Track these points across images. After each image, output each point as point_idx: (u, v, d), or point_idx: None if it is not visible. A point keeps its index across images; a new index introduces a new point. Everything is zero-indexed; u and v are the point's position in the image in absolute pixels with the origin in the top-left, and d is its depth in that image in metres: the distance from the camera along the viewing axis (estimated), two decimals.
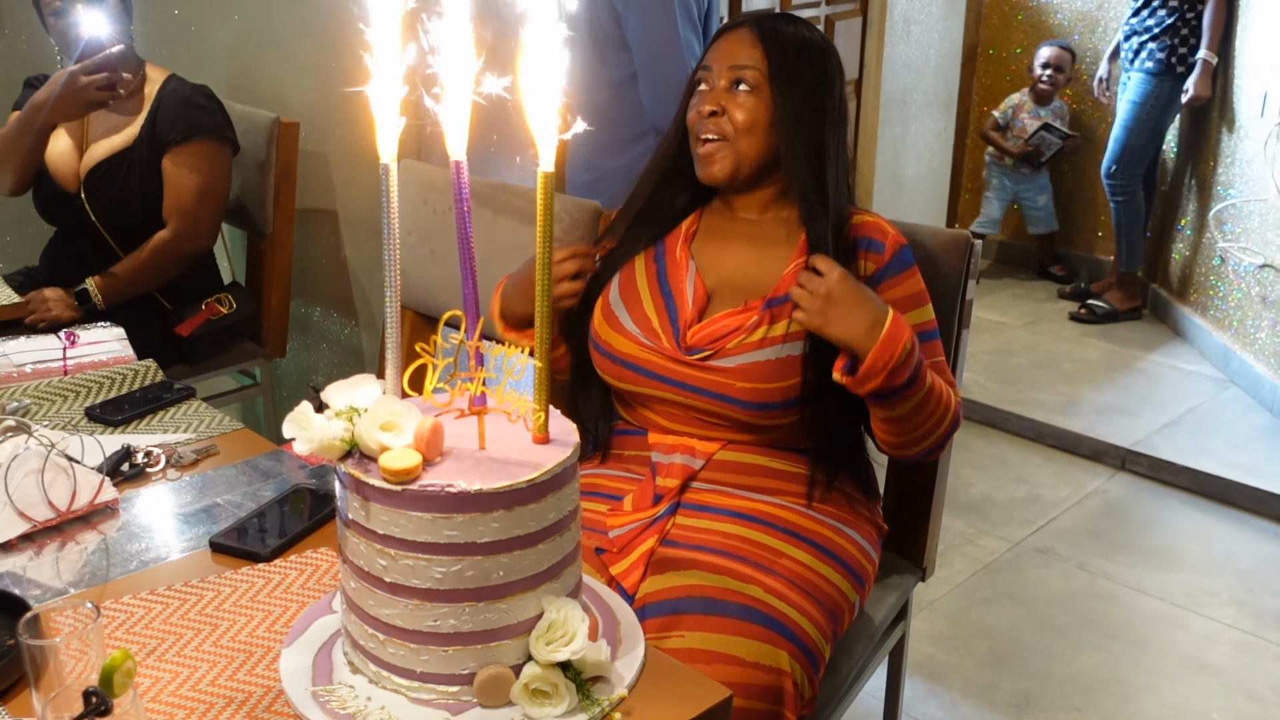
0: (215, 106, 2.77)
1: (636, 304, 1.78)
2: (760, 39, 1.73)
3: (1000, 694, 2.61)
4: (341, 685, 1.20)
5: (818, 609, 1.61)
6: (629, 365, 1.76)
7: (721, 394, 1.69)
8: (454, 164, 1.20)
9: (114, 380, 1.99)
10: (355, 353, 3.17)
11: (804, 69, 1.73)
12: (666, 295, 1.77)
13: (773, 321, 1.69)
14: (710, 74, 1.75)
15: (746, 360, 1.67)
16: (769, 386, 1.67)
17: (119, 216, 2.72)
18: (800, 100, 1.72)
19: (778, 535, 1.66)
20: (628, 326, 1.76)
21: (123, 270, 2.70)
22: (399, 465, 1.11)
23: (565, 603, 1.18)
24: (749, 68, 1.72)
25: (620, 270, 1.82)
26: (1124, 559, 3.19)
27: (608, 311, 1.79)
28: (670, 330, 1.74)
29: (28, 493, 1.51)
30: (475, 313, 1.23)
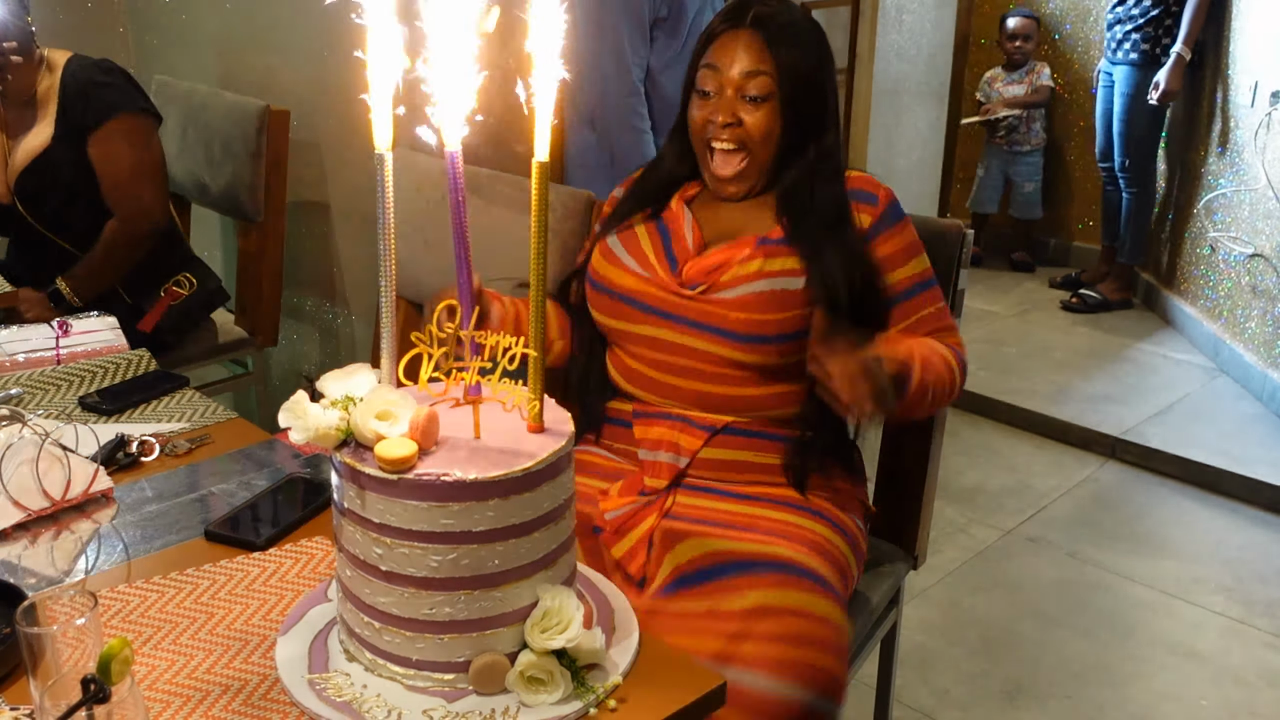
0: (120, 79, 2.67)
1: (634, 242, 1.79)
2: (767, 43, 1.69)
3: (991, 681, 2.63)
4: (337, 673, 1.21)
5: (835, 572, 1.64)
6: (625, 299, 1.76)
7: (717, 327, 1.69)
8: (448, 154, 1.20)
9: (107, 369, 1.98)
10: (347, 341, 3.17)
11: (808, 67, 1.71)
12: (664, 234, 1.79)
13: (767, 257, 1.70)
14: (716, 77, 1.72)
15: (742, 292, 1.68)
16: (764, 318, 1.67)
17: (60, 217, 2.66)
18: (808, 101, 1.72)
19: (780, 508, 1.69)
20: (625, 260, 1.78)
21: (86, 269, 2.64)
22: (395, 454, 1.12)
23: (560, 591, 1.18)
24: (760, 74, 1.69)
25: (618, 229, 1.83)
26: (1114, 547, 3.20)
27: (605, 250, 1.81)
28: (666, 263, 1.75)
29: (22, 482, 1.52)
30: (470, 302, 1.24)
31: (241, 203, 2.95)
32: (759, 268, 1.69)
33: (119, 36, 3.51)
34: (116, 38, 3.49)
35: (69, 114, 2.61)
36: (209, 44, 3.28)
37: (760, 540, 1.61)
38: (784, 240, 1.71)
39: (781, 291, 1.67)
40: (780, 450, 1.74)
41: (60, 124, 2.62)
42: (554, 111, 1.15)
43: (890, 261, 1.72)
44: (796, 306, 1.67)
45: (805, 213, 1.71)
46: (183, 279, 2.81)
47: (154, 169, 2.70)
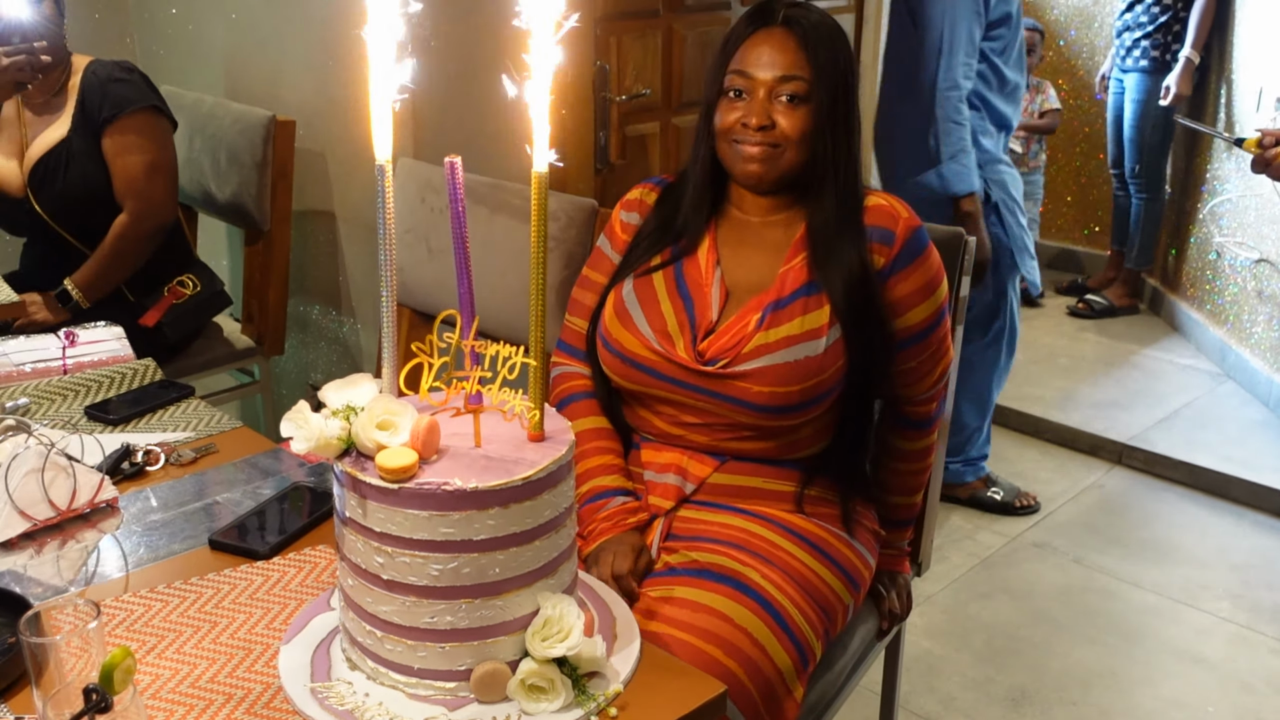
0: (138, 79, 2.72)
1: (653, 304, 1.71)
2: (801, 44, 1.63)
3: (997, 688, 2.63)
4: (340, 681, 1.22)
5: (812, 607, 1.62)
6: (639, 366, 1.70)
7: (737, 399, 1.65)
8: (447, 163, 1.21)
9: (113, 379, 1.99)
10: (354, 350, 3.17)
11: (841, 69, 1.66)
12: (685, 297, 1.71)
13: (790, 319, 1.64)
14: (749, 81, 1.65)
15: (763, 364, 1.63)
16: (787, 389, 1.63)
17: (70, 212, 2.71)
18: (840, 103, 1.66)
19: (776, 530, 1.67)
20: (641, 329, 1.70)
21: (94, 265, 2.69)
22: (396, 463, 1.12)
23: (561, 599, 1.19)
24: (795, 78, 1.63)
25: (636, 274, 1.75)
26: (1120, 553, 3.20)
27: (620, 308, 1.73)
28: (688, 334, 1.68)
29: (28, 491, 1.52)
30: (471, 312, 1.24)
31: (248, 212, 2.97)
32: (782, 336, 1.63)
33: (126, 47, 3.53)
34: (124, 48, 3.51)
35: (87, 108, 2.67)
36: (216, 54, 3.30)
37: (737, 561, 1.61)
38: (806, 290, 1.65)
39: (804, 360, 1.63)
40: (791, 477, 1.72)
41: (77, 118, 2.68)
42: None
43: (906, 302, 1.67)
44: (820, 373, 1.63)
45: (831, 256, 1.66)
46: (186, 279, 2.85)
47: (166, 166, 2.75)
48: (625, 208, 1.84)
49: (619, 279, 1.77)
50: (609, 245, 1.84)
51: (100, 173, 2.69)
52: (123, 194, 2.69)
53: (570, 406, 1.80)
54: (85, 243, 2.73)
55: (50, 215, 2.70)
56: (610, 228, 1.85)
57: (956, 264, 1.86)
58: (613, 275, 1.79)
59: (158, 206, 2.73)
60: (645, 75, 3.30)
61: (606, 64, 3.15)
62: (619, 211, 1.85)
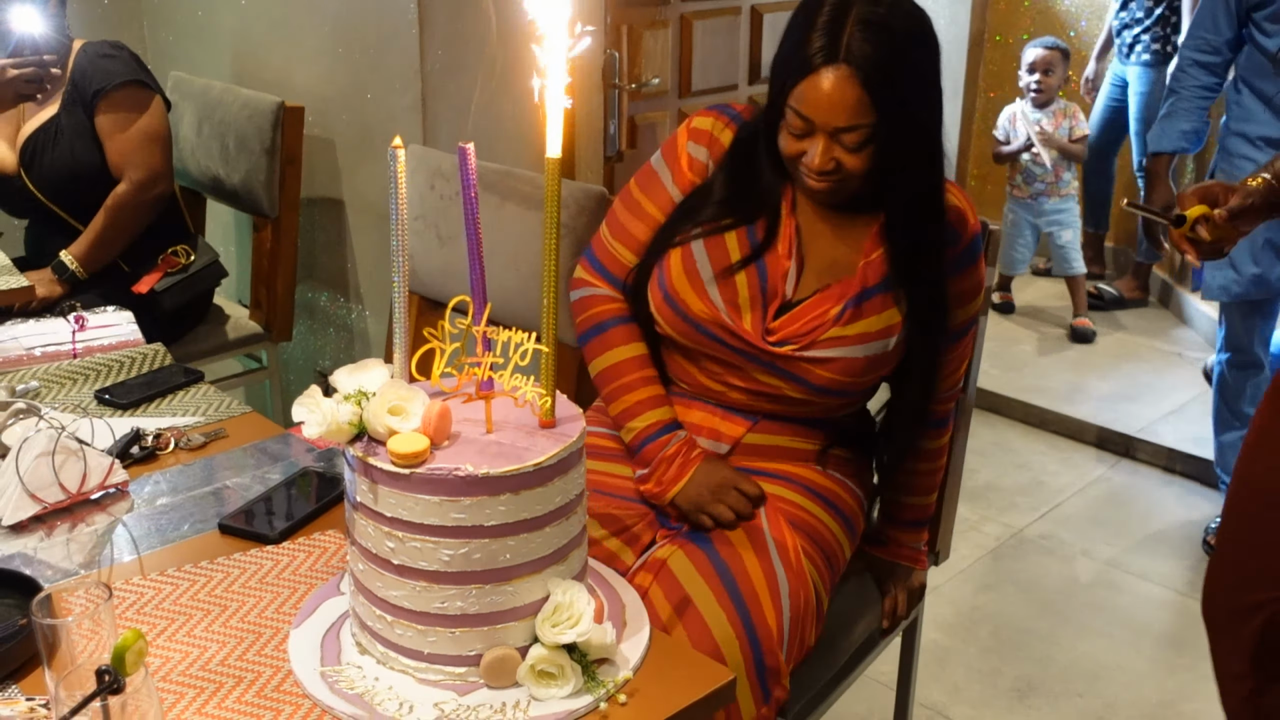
0: (126, 55, 2.75)
1: (726, 269, 1.64)
2: (865, 85, 1.48)
3: (1003, 679, 2.63)
4: (349, 666, 1.22)
5: (823, 560, 1.67)
6: (702, 329, 1.66)
7: (800, 377, 1.64)
8: (460, 149, 1.21)
9: (123, 364, 2.00)
10: (361, 336, 3.17)
11: (912, 100, 1.54)
12: (760, 269, 1.64)
13: (868, 315, 1.63)
14: (809, 125, 1.53)
15: (836, 354, 1.62)
16: (852, 379, 1.65)
17: (62, 188, 2.72)
18: (912, 139, 1.56)
19: (797, 490, 1.71)
20: (712, 294, 1.64)
21: (91, 236, 2.71)
22: (407, 449, 1.12)
23: (571, 585, 1.19)
24: (858, 127, 1.51)
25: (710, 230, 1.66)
26: (1127, 546, 3.20)
27: (690, 267, 1.65)
28: (759, 311, 1.64)
29: (39, 475, 1.53)
30: (483, 298, 1.24)
31: (256, 198, 2.97)
32: (860, 331, 1.62)
33: (135, 33, 3.52)
34: (133, 34, 3.51)
35: (78, 85, 2.70)
36: (225, 40, 3.29)
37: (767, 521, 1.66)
38: (884, 285, 1.63)
39: (877, 356, 1.64)
40: (817, 436, 1.75)
41: (68, 95, 2.70)
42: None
43: (954, 301, 1.68)
44: (883, 366, 1.66)
45: (913, 258, 1.62)
46: (181, 250, 2.86)
47: (161, 136, 2.77)
48: (694, 138, 1.71)
49: (684, 229, 1.67)
50: (670, 177, 1.72)
51: (90, 148, 2.71)
52: (120, 165, 2.71)
53: (609, 333, 1.74)
54: (80, 219, 2.75)
55: (43, 192, 2.72)
56: (673, 154, 1.73)
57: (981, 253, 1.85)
58: (672, 215, 1.70)
59: (154, 175, 2.74)
60: (655, 64, 3.29)
61: (617, 52, 3.14)
62: (686, 141, 1.72)
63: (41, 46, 2.60)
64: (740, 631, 1.52)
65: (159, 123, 2.76)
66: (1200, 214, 1.61)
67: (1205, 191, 1.66)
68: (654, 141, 3.37)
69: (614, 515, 1.65)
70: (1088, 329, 4.61)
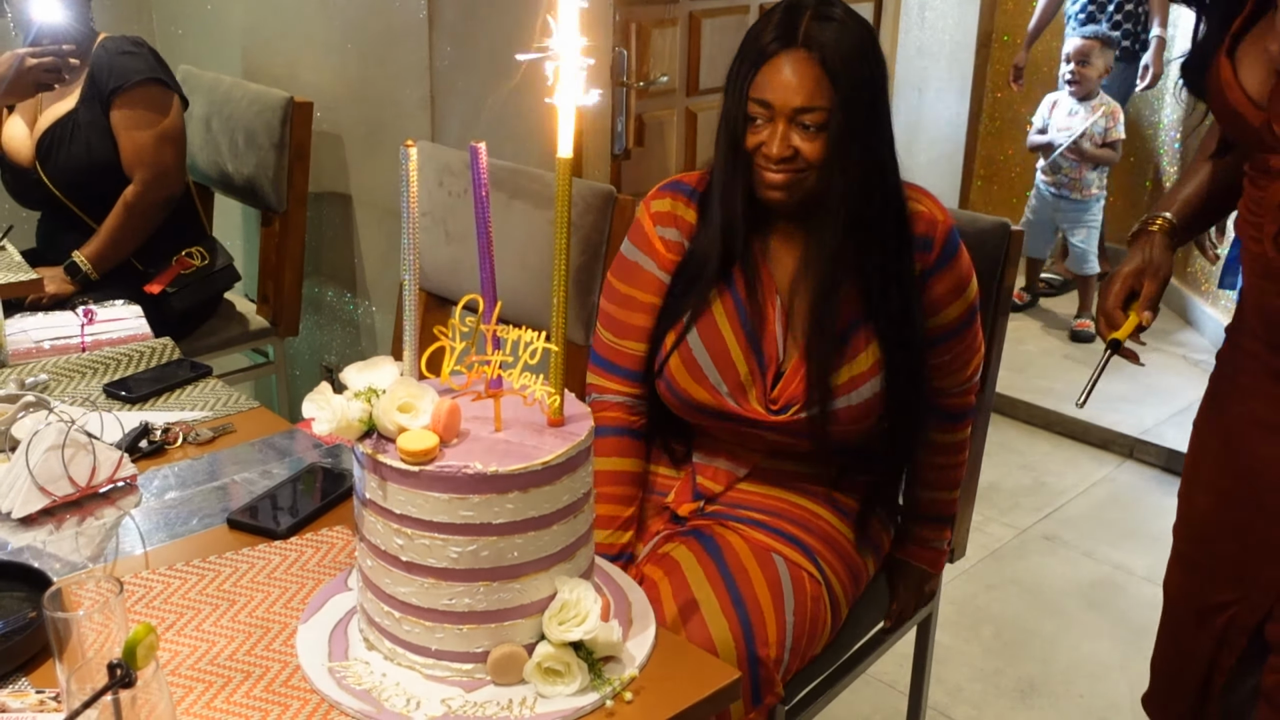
0: (146, 52, 2.76)
1: (723, 353, 1.67)
2: (824, 68, 1.54)
3: (1005, 679, 2.63)
4: (357, 661, 1.22)
5: (844, 569, 1.70)
6: (707, 414, 1.71)
7: (813, 434, 1.67)
8: (471, 148, 1.21)
9: (132, 357, 2.00)
10: (368, 332, 3.18)
11: (865, 84, 1.57)
12: (753, 341, 1.67)
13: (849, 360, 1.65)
14: (768, 111, 1.57)
15: (840, 404, 1.65)
16: (850, 429, 1.67)
17: (76, 183, 2.73)
18: (866, 119, 1.59)
19: (813, 499, 1.75)
20: (714, 381, 1.67)
21: (103, 236, 2.72)
22: (416, 446, 1.13)
23: (578, 583, 1.19)
24: (815, 109, 1.55)
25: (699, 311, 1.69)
26: (1130, 547, 3.20)
27: (688, 358, 1.68)
28: (760, 385, 1.67)
29: (48, 468, 1.53)
30: (493, 296, 1.25)
31: (264, 193, 2.97)
32: (848, 377, 1.64)
33: (146, 26, 3.53)
34: (143, 27, 3.51)
35: (96, 80, 2.70)
36: (234, 35, 3.30)
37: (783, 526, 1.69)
38: (860, 322, 1.64)
39: (872, 398, 1.66)
40: (835, 460, 1.77)
41: (86, 89, 2.71)
42: None
43: (941, 301, 1.68)
44: (877, 411, 1.67)
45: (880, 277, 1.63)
46: (195, 251, 2.87)
47: (175, 136, 2.78)
48: (659, 222, 1.73)
49: (675, 316, 1.70)
50: (652, 264, 1.73)
51: (106, 144, 2.71)
52: (132, 164, 2.72)
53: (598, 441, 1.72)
54: (92, 216, 2.76)
55: (57, 186, 2.73)
56: (646, 242, 1.73)
57: (1001, 254, 1.85)
58: (665, 300, 1.72)
59: (167, 176, 2.75)
60: (664, 62, 3.30)
61: (625, 49, 3.14)
62: (653, 227, 1.73)
63: (61, 36, 2.60)
64: (738, 635, 1.55)
65: (174, 123, 2.77)
66: (1134, 327, 1.61)
67: (1124, 289, 1.63)
68: (661, 139, 3.37)
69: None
70: (1087, 331, 4.60)
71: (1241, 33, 1.43)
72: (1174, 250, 1.66)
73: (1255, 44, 1.41)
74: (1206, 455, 1.65)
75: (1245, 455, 1.55)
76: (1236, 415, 1.57)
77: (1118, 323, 1.61)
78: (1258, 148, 1.41)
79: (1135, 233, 1.67)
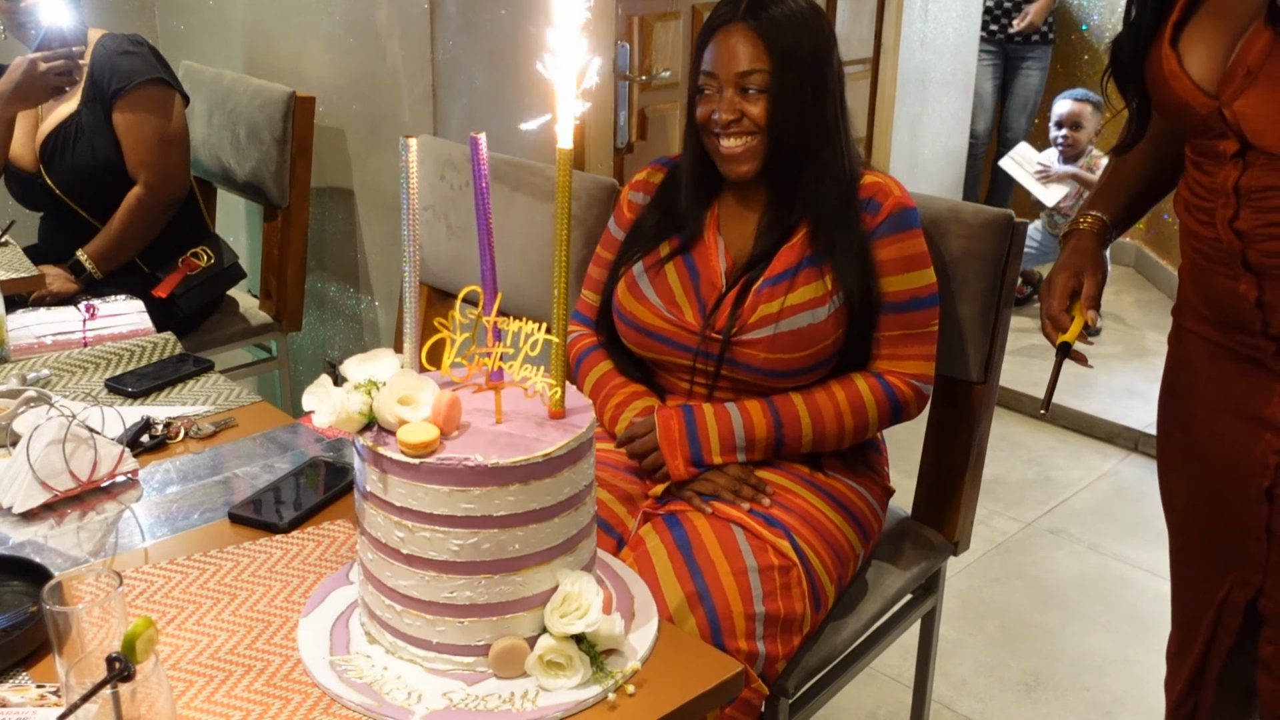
0: (147, 51, 2.74)
1: (662, 282, 1.79)
2: (759, 34, 1.69)
3: (1010, 673, 2.62)
4: (358, 655, 1.22)
5: (829, 553, 1.69)
6: (653, 335, 1.79)
7: (745, 364, 1.73)
8: (472, 140, 1.21)
9: (133, 352, 2.00)
10: (370, 327, 3.18)
11: (807, 53, 1.70)
12: (693, 273, 1.78)
13: (790, 290, 1.71)
14: (715, 81, 1.72)
15: (768, 332, 1.70)
16: (790, 356, 1.71)
17: (81, 186, 2.72)
18: (810, 86, 1.71)
19: (795, 480, 1.74)
20: (652, 300, 1.79)
21: (107, 236, 2.71)
22: (417, 439, 1.12)
23: (580, 576, 1.19)
24: (754, 72, 1.69)
25: (647, 250, 1.82)
26: (1136, 541, 3.19)
27: (631, 284, 1.81)
28: (696, 306, 1.76)
29: (50, 462, 1.53)
30: (494, 289, 1.24)
31: (267, 188, 2.97)
32: (780, 306, 1.70)
33: (147, 21, 3.53)
34: (144, 23, 3.51)
35: (96, 81, 2.69)
36: (236, 30, 3.30)
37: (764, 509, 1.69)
38: (809, 262, 1.72)
39: (806, 329, 1.70)
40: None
41: (87, 90, 2.70)
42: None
43: (887, 267, 1.72)
44: (822, 339, 1.71)
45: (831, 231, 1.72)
46: (201, 252, 2.87)
47: (178, 138, 2.77)
48: (633, 188, 1.91)
49: (627, 259, 1.84)
50: (615, 224, 1.92)
51: (109, 146, 2.70)
52: (135, 167, 2.71)
53: (580, 365, 1.89)
54: (97, 216, 2.75)
55: (61, 189, 2.72)
56: (619, 208, 1.93)
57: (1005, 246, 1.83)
58: (619, 252, 1.87)
59: (171, 178, 2.75)
60: (666, 56, 3.28)
61: (627, 44, 3.14)
62: (627, 192, 1.92)
63: (69, 39, 2.59)
64: (705, 632, 1.53)
65: (176, 125, 2.76)
66: (1080, 328, 1.61)
67: (1066, 290, 1.63)
68: (664, 133, 3.36)
69: (618, 485, 1.74)
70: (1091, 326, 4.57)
71: (1182, 22, 1.44)
72: (1107, 246, 1.69)
73: (1202, 31, 1.42)
74: (1172, 444, 1.66)
75: (1211, 443, 1.56)
76: (1195, 400, 1.58)
77: (1064, 325, 1.61)
78: (1203, 135, 1.43)
79: (1066, 233, 1.69)
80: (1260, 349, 1.45)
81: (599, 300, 1.90)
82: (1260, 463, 1.49)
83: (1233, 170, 1.39)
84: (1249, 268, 1.40)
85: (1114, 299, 4.87)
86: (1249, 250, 1.39)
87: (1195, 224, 1.48)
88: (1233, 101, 1.36)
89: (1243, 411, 1.50)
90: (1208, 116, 1.39)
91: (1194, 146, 1.47)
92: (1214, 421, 1.55)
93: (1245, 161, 1.37)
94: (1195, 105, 1.41)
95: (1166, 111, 1.49)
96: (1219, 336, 1.51)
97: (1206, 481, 1.59)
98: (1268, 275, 1.39)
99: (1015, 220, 1.83)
